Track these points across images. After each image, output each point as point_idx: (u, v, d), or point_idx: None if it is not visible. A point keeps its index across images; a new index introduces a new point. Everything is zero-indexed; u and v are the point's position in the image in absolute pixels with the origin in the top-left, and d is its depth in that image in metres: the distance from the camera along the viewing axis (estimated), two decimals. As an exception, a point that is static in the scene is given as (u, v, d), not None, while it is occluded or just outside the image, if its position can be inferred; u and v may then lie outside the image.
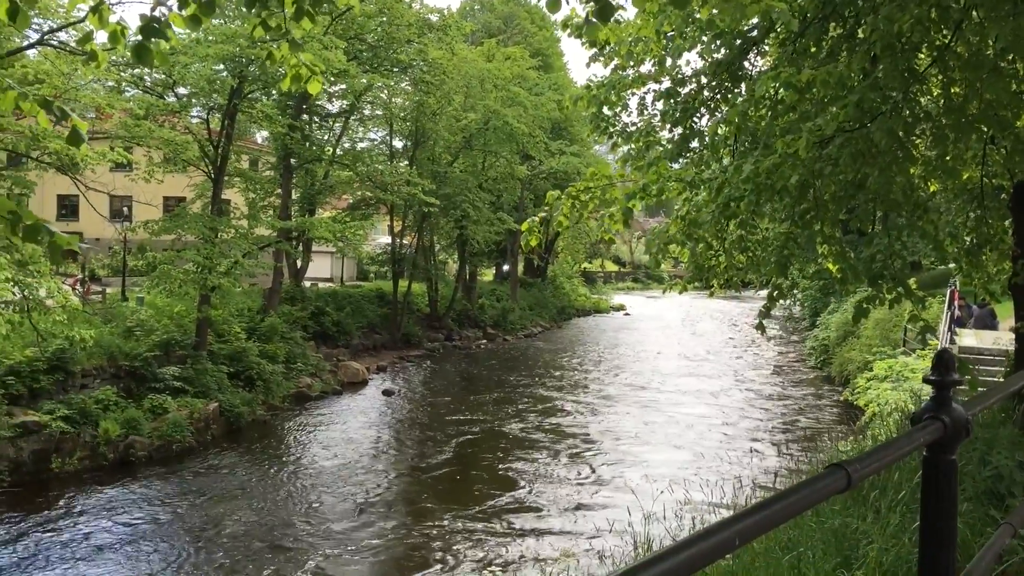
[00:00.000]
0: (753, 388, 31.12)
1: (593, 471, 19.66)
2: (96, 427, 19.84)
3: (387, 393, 30.37)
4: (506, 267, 57.47)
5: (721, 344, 45.65)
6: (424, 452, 21.99)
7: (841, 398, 26.80)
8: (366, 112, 38.91)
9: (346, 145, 38.59)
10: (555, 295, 63.33)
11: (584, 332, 53.96)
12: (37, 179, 23.18)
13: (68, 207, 43.97)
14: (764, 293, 7.97)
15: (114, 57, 20.20)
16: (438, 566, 13.92)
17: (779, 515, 1.89)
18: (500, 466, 20.27)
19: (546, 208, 7.98)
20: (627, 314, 67.64)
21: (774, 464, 17.94)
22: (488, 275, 60.65)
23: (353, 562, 14.31)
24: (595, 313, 67.42)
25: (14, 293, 16.76)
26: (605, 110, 8.60)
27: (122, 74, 24.45)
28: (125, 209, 37.93)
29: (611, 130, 8.86)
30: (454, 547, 14.81)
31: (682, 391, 30.01)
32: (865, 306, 7.43)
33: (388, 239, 47.16)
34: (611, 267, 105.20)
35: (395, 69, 35.73)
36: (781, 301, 8.47)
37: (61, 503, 17.07)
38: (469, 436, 23.73)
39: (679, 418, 25.18)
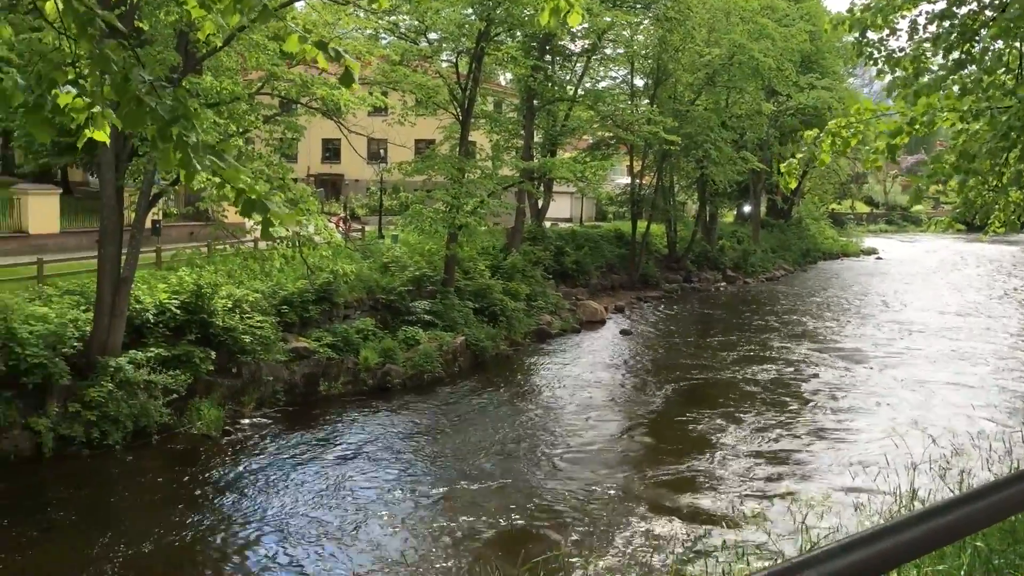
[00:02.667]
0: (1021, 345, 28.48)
1: (836, 426, 18.87)
2: (357, 355, 21.46)
3: (624, 333, 30.57)
4: (748, 208, 55.64)
5: (986, 296, 41.89)
6: (660, 392, 22.00)
7: None
8: (607, 51, 38.63)
9: (587, 85, 38.64)
10: (800, 237, 60.69)
11: (829, 277, 51.44)
12: (306, 123, 25.04)
13: (331, 150, 47.15)
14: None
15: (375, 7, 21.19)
16: (687, 500, 13.99)
17: None
18: (736, 411, 19.92)
19: (804, 149, 7.59)
20: (879, 258, 63.63)
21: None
22: (729, 216, 59.03)
23: (591, 493, 14.68)
24: (843, 257, 64.01)
25: (287, 230, 18.29)
26: (869, 34, 8.02)
27: (379, 22, 25.75)
28: (381, 151, 40.30)
29: (876, 56, 8.25)
30: (700, 482, 14.81)
31: (935, 350, 27.90)
32: None
33: (627, 179, 46.97)
34: (862, 208, 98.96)
35: (638, 6, 35.15)
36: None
37: (328, 422, 18.71)
38: (705, 379, 23.49)
39: (930, 379, 23.54)
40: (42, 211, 25.73)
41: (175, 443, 16.51)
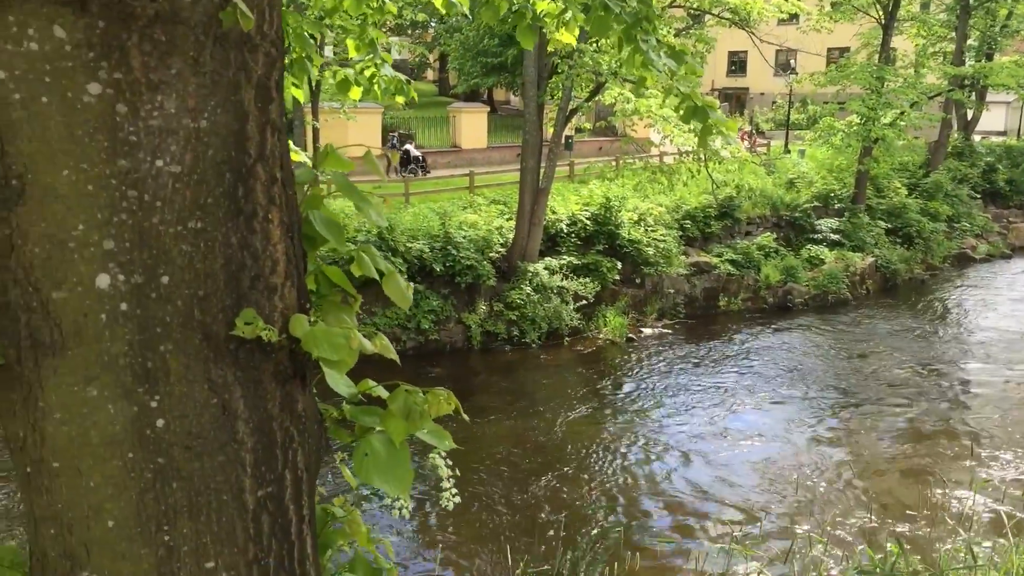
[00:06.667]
0: None
1: None
2: (757, 272, 21.19)
3: (1068, 263, 26.85)
4: None
5: None
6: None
7: None
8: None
9: (1040, -24, 33.39)
10: None
11: None
12: (715, 36, 24.60)
13: (737, 63, 46.00)
14: None
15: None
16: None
17: None
18: None
19: None
20: None
21: None
22: None
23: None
24: None
25: (694, 144, 18.34)
26: None
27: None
28: (791, 62, 38.53)
29: None
30: None
31: None
32: None
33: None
34: None
35: None
36: None
37: (727, 336, 18.83)
38: None
39: None
40: (472, 128, 28.32)
41: (583, 346, 17.66)
